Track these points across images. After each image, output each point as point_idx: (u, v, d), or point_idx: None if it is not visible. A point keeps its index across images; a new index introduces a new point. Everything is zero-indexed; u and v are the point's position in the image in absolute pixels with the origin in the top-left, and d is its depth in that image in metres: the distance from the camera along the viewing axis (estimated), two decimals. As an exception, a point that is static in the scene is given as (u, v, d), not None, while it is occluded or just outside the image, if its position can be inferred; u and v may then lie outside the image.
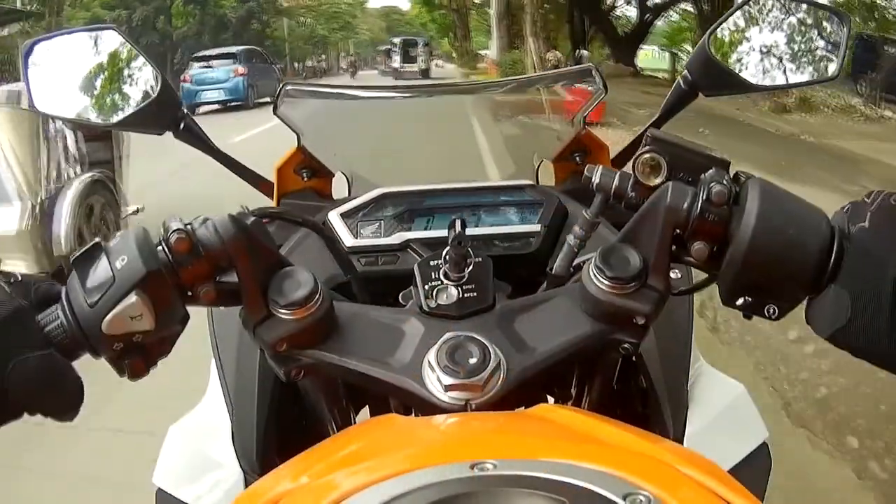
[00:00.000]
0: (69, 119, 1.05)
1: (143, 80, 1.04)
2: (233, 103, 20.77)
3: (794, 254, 0.64)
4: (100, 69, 1.05)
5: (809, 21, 1.05)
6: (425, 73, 40.66)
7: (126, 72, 1.05)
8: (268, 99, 20.37)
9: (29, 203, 4.60)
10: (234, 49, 23.81)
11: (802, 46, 1.05)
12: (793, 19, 1.06)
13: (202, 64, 22.02)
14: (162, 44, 33.87)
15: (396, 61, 42.50)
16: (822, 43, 1.04)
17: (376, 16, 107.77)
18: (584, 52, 22.14)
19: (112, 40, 1.06)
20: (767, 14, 1.06)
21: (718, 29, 1.05)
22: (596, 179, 0.76)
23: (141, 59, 1.05)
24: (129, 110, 1.03)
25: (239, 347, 0.91)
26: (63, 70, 1.05)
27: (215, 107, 21.13)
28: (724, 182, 0.67)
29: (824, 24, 1.04)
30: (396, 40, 45.03)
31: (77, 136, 5.03)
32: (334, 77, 50.48)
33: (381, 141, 1.30)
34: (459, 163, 1.29)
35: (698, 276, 0.74)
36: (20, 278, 0.67)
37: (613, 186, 0.75)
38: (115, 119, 1.04)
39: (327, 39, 69.93)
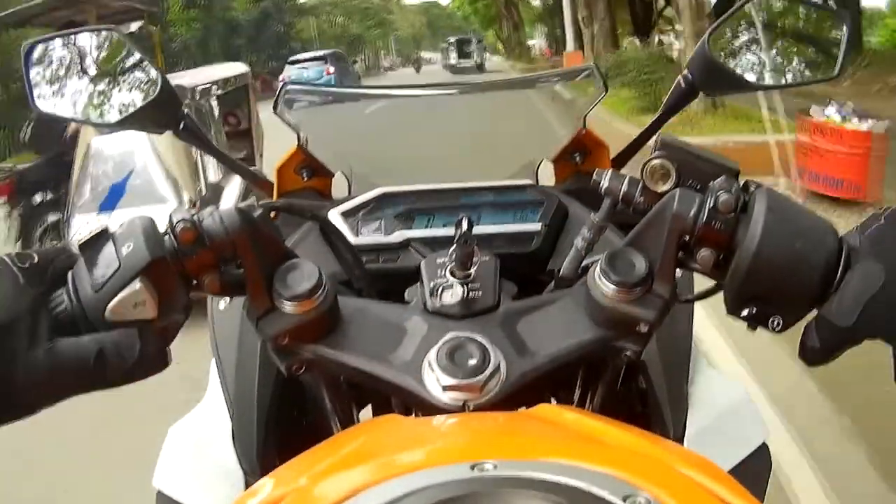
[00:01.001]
0: (70, 119, 1.06)
1: (143, 79, 1.05)
2: None
3: (799, 266, 0.64)
4: (100, 69, 1.06)
5: (810, 20, 1.04)
6: (480, 67, 43.14)
7: (126, 71, 1.05)
8: (350, 93, 26.07)
9: (186, 200, 4.54)
10: (322, 52, 29.48)
11: (803, 45, 1.04)
12: (793, 18, 1.05)
13: (297, 66, 26.64)
14: (154, 54, 29.41)
15: (452, 58, 45.28)
16: (822, 42, 1.03)
17: (415, 11, 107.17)
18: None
19: (112, 40, 1.07)
20: (768, 13, 1.05)
21: (719, 28, 1.04)
22: (605, 184, 0.76)
23: (141, 59, 1.05)
24: (129, 110, 1.03)
25: (239, 348, 0.91)
26: (64, 70, 1.06)
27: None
28: (733, 191, 0.66)
29: (825, 22, 1.03)
30: (452, 39, 48.12)
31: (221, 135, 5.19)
32: (375, 78, 48.06)
33: (381, 141, 1.30)
34: (460, 163, 1.29)
35: (700, 280, 0.74)
36: (36, 259, 0.67)
37: (622, 192, 0.75)
38: (116, 119, 1.04)
39: (363, 38, 66.95)
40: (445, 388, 0.67)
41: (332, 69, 26.48)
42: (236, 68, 6.18)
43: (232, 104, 5.88)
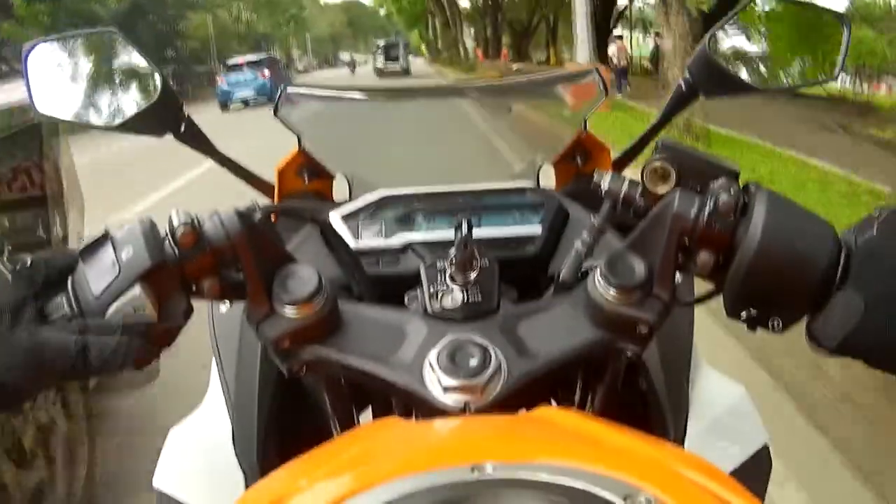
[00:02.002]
0: (70, 122, 1.04)
1: (144, 81, 1.04)
2: (259, 99, 26.16)
3: (799, 267, 0.64)
4: (101, 71, 1.05)
5: (810, 23, 1.06)
6: (406, 72, 44.98)
7: (127, 73, 1.05)
8: (284, 96, 28.07)
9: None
10: (257, 58, 30.02)
11: (803, 48, 1.06)
12: (794, 21, 1.07)
13: (234, 72, 27.69)
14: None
15: (380, 61, 47.13)
16: (822, 44, 1.05)
17: (335, 9, 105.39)
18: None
19: (113, 42, 1.06)
20: (768, 16, 1.07)
21: (720, 30, 1.05)
22: (605, 186, 0.76)
23: (142, 61, 1.04)
24: (130, 112, 1.02)
25: (240, 349, 0.91)
26: (64, 72, 1.05)
27: (241, 104, 26.43)
28: (733, 192, 0.67)
29: (825, 25, 1.05)
30: (381, 43, 49.81)
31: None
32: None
33: (381, 142, 1.30)
34: (461, 164, 1.29)
35: (699, 284, 0.75)
36: (29, 262, 0.67)
37: (622, 194, 0.76)
38: (117, 121, 1.03)
39: (271, 37, 62.20)
40: (447, 390, 0.67)
41: (267, 73, 27.73)
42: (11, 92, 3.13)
43: (14, 154, 3.00)
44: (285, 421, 0.90)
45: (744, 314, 0.68)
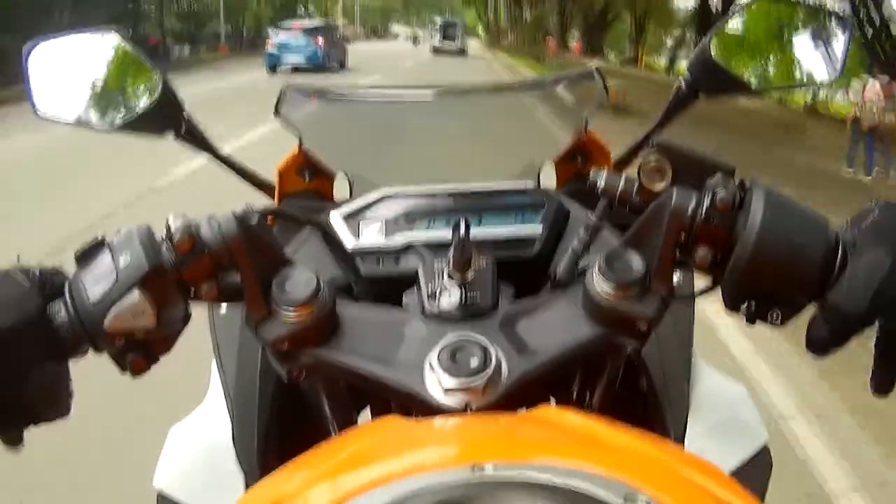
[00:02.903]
0: (70, 123, 1.05)
1: (144, 81, 1.04)
2: (310, 66, 24.80)
3: (797, 260, 0.65)
4: (101, 71, 1.06)
5: (810, 23, 1.05)
6: (462, 52, 46.26)
7: (127, 74, 1.05)
8: (336, 64, 27.17)
9: None
10: (313, 23, 29.15)
11: (803, 48, 1.05)
12: (794, 21, 1.06)
13: (286, 33, 26.16)
14: None
15: (437, 40, 48.61)
16: (823, 44, 1.04)
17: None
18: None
19: (113, 42, 1.06)
20: (769, 15, 1.06)
21: (720, 30, 1.05)
22: (601, 183, 0.76)
23: (142, 61, 1.05)
24: (130, 113, 1.03)
25: (240, 349, 0.91)
26: (64, 72, 1.05)
27: (288, 68, 24.77)
28: (729, 188, 0.67)
29: (825, 25, 1.04)
30: (439, 22, 51.98)
31: None
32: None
33: (382, 142, 1.30)
34: (462, 165, 1.28)
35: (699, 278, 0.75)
36: (38, 273, 0.67)
37: (618, 191, 0.75)
38: (117, 121, 1.04)
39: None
40: (448, 390, 0.67)
41: (321, 40, 26.11)
42: None
43: None
44: (286, 421, 0.90)
45: (743, 307, 0.68)
